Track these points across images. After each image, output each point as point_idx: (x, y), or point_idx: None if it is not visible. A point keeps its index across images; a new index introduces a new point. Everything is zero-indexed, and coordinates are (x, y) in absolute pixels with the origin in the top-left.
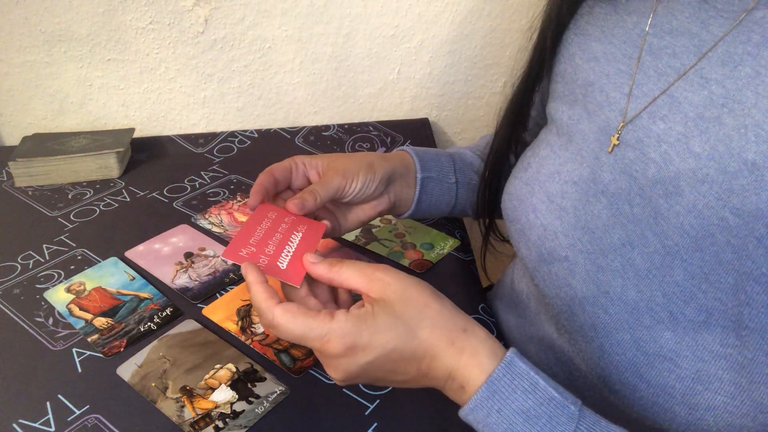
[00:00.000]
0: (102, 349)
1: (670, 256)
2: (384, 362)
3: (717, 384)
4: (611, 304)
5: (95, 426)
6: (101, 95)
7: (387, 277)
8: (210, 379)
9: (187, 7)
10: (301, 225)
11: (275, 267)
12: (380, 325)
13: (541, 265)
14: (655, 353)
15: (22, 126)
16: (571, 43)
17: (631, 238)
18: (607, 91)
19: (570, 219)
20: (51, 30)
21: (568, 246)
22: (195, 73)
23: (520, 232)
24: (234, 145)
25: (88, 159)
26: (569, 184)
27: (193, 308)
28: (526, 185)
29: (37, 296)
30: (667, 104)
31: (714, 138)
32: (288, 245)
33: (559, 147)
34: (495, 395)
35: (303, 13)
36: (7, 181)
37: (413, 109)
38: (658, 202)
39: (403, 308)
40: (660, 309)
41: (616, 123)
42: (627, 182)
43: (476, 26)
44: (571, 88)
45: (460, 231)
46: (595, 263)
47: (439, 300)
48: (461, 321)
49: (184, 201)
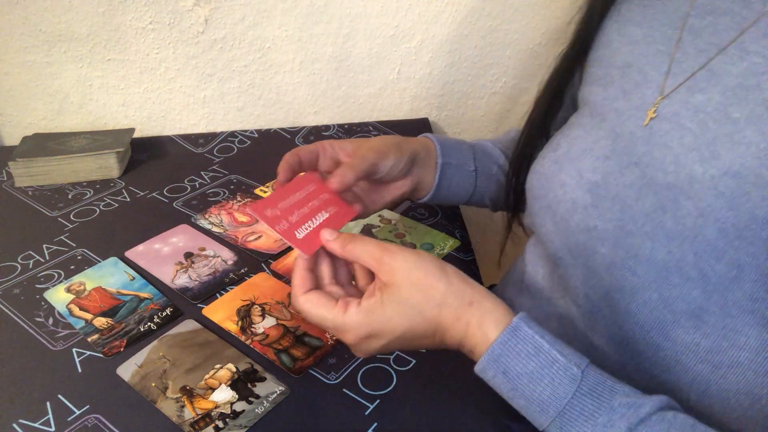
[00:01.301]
0: (102, 349)
1: (702, 217)
2: (399, 341)
3: (743, 339)
4: (639, 266)
5: (95, 426)
6: (101, 95)
7: (394, 262)
8: (210, 379)
9: (187, 7)
10: (332, 206)
11: (292, 234)
12: (389, 313)
13: (568, 237)
14: (683, 311)
15: (22, 126)
16: (609, 30)
17: (663, 203)
18: (645, 70)
19: (600, 191)
20: (51, 30)
21: (597, 216)
22: (195, 73)
23: (546, 208)
24: (234, 145)
25: (88, 159)
26: (600, 159)
27: (193, 308)
28: (555, 163)
29: (37, 296)
30: (706, 78)
31: (753, 103)
32: (312, 220)
33: (592, 127)
34: (499, 358)
35: (303, 13)
36: (7, 181)
37: (413, 109)
38: (693, 168)
39: (409, 292)
40: (689, 267)
41: (653, 99)
42: (661, 152)
43: (476, 26)
44: (608, 70)
45: (460, 231)
46: (624, 229)
47: (444, 278)
48: (467, 295)
49: (184, 201)
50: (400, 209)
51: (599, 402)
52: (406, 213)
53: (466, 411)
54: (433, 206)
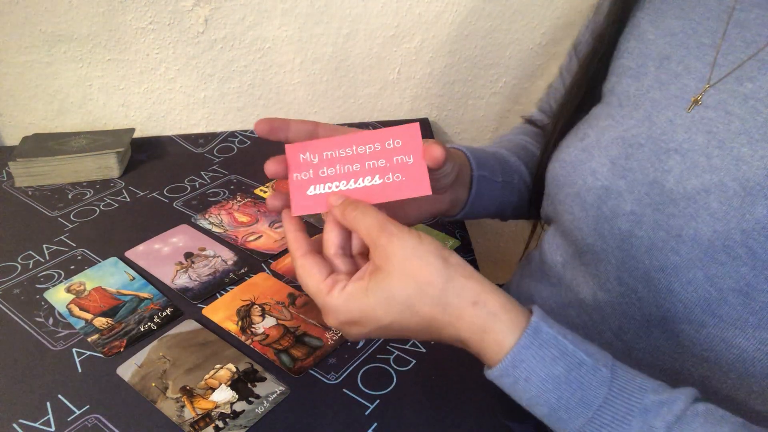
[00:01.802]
0: (102, 349)
1: (750, 196)
2: (386, 331)
3: None
4: (683, 245)
5: (95, 426)
6: (101, 95)
7: (390, 246)
8: (210, 379)
9: (187, 7)
10: (401, 173)
11: (302, 189)
12: (372, 303)
13: (599, 223)
14: (730, 288)
15: (22, 126)
16: (641, 22)
17: (707, 186)
18: (686, 61)
19: (636, 176)
20: (51, 30)
21: (633, 201)
22: (195, 73)
23: (574, 195)
24: (234, 145)
25: (88, 159)
26: (635, 146)
27: (193, 308)
28: (583, 152)
29: (37, 296)
30: (756, 67)
31: None
32: (352, 180)
33: (622, 116)
34: (520, 364)
35: (303, 13)
36: (7, 181)
37: (413, 109)
38: (740, 151)
39: (401, 284)
40: (737, 246)
41: (696, 88)
42: (704, 138)
43: (476, 26)
44: (641, 61)
45: (460, 231)
46: (665, 212)
47: (445, 271)
48: (471, 293)
49: (184, 201)
50: None
51: (630, 403)
52: None
53: (466, 411)
54: None
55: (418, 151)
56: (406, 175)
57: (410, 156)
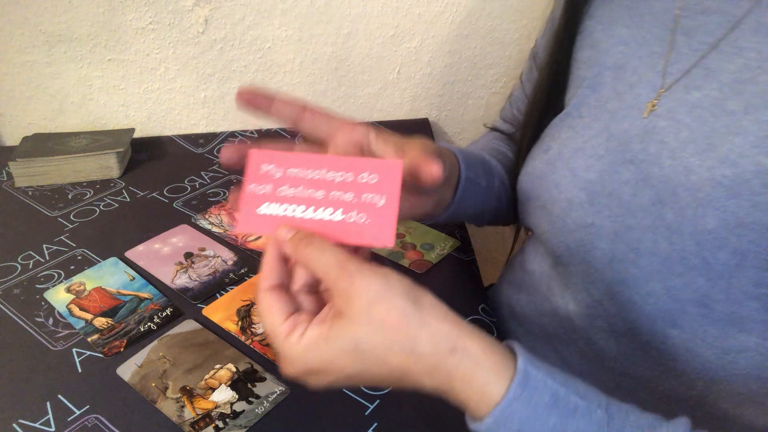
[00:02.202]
0: (102, 349)
1: (702, 207)
2: (352, 381)
3: (750, 325)
4: (641, 258)
5: (95, 426)
6: (101, 95)
7: (352, 289)
8: (210, 379)
9: (187, 7)
10: (370, 215)
11: (253, 203)
12: (334, 353)
13: (565, 235)
14: (688, 299)
15: (22, 126)
16: (594, 31)
17: (662, 196)
18: (639, 71)
19: (595, 188)
20: (51, 30)
21: (593, 213)
22: (195, 73)
23: (541, 208)
24: None
25: (88, 159)
26: (594, 158)
27: (193, 308)
28: (547, 164)
29: (37, 296)
30: (701, 75)
31: (749, 95)
32: (314, 210)
33: (582, 127)
34: (512, 416)
35: (303, 13)
36: (7, 181)
37: (413, 109)
38: (690, 161)
39: (366, 333)
40: (692, 257)
41: (648, 98)
42: (657, 147)
43: (476, 26)
44: (597, 71)
45: (460, 231)
46: (623, 224)
47: (417, 315)
48: (448, 339)
49: (184, 201)
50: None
51: None
52: None
53: None
54: None
55: (393, 195)
56: (372, 218)
57: (382, 197)
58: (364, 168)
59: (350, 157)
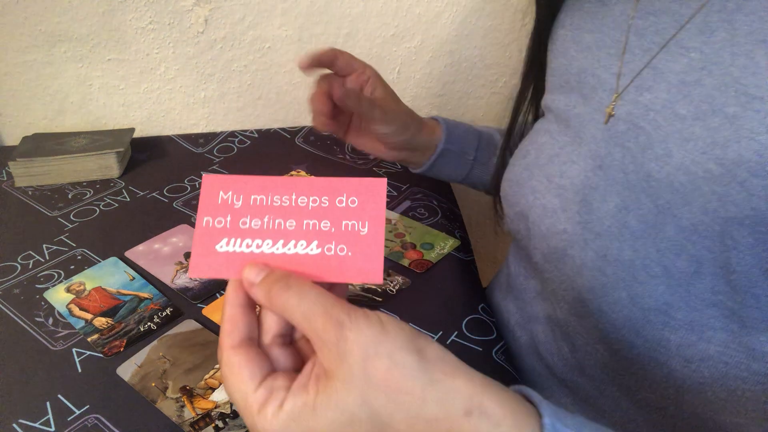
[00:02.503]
0: (102, 349)
1: (662, 214)
2: None
3: (710, 333)
4: (608, 265)
5: (95, 426)
6: (101, 95)
7: (343, 342)
8: (210, 379)
9: (187, 7)
10: (344, 245)
11: (210, 241)
12: (324, 423)
13: (541, 242)
14: (650, 307)
15: (22, 126)
16: (565, 39)
17: (626, 203)
18: (598, 74)
19: (568, 195)
20: (51, 30)
21: (566, 220)
22: (195, 73)
23: (519, 214)
24: (234, 145)
25: (88, 159)
26: (568, 164)
27: (193, 308)
28: (526, 170)
29: (37, 296)
30: (651, 76)
31: (697, 99)
32: (279, 245)
33: (557, 132)
34: None
35: (303, 13)
36: (7, 181)
37: (413, 108)
38: (649, 166)
39: (363, 397)
40: (654, 264)
41: (608, 101)
42: (621, 153)
43: (476, 26)
44: (566, 78)
45: (460, 231)
46: (592, 231)
47: (423, 375)
48: (460, 399)
49: (184, 201)
50: (400, 209)
51: None
52: (406, 213)
53: None
54: (433, 206)
55: (377, 220)
56: (355, 250)
57: (365, 224)
58: (341, 190)
59: (323, 177)
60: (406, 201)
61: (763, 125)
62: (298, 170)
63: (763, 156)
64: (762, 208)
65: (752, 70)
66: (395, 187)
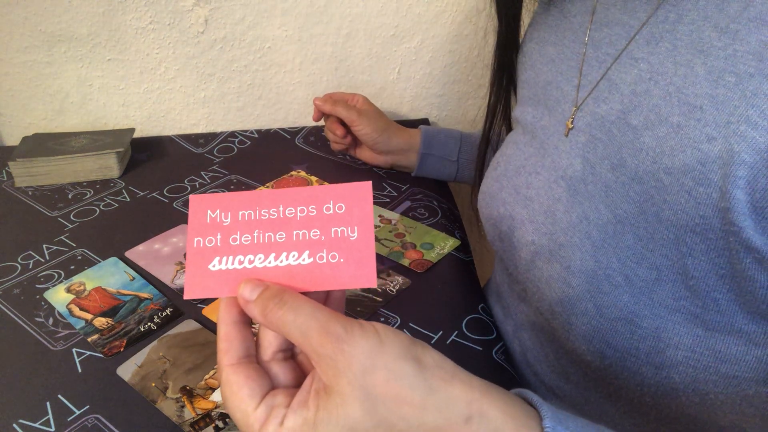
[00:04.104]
0: (102, 349)
1: (620, 224)
2: None
3: (676, 339)
4: (573, 277)
5: (95, 426)
6: (101, 95)
7: (341, 356)
8: (210, 379)
9: (187, 7)
10: (335, 251)
11: (203, 261)
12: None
13: (513, 253)
14: (616, 317)
15: (22, 126)
16: (532, 52)
17: (587, 213)
18: (562, 87)
19: (534, 206)
20: (51, 30)
21: (533, 231)
22: (195, 73)
23: (493, 225)
24: (234, 145)
25: (88, 159)
26: (533, 175)
27: (193, 308)
28: (496, 182)
29: (37, 296)
30: (606, 87)
31: (646, 109)
32: (271, 258)
33: (524, 144)
34: None
35: (303, 13)
36: (7, 181)
37: (413, 109)
38: (606, 177)
39: (363, 409)
40: (616, 274)
41: (569, 113)
42: (581, 164)
43: (476, 26)
44: (534, 90)
45: (460, 231)
46: (557, 242)
47: (422, 384)
48: (460, 405)
49: (184, 201)
50: (401, 209)
51: None
52: (406, 213)
53: None
54: (433, 207)
55: (366, 223)
56: (347, 255)
57: (354, 229)
58: (327, 197)
59: (309, 187)
60: (406, 201)
61: (703, 134)
62: (298, 170)
63: (705, 165)
64: (709, 215)
65: (692, 79)
66: (395, 188)
